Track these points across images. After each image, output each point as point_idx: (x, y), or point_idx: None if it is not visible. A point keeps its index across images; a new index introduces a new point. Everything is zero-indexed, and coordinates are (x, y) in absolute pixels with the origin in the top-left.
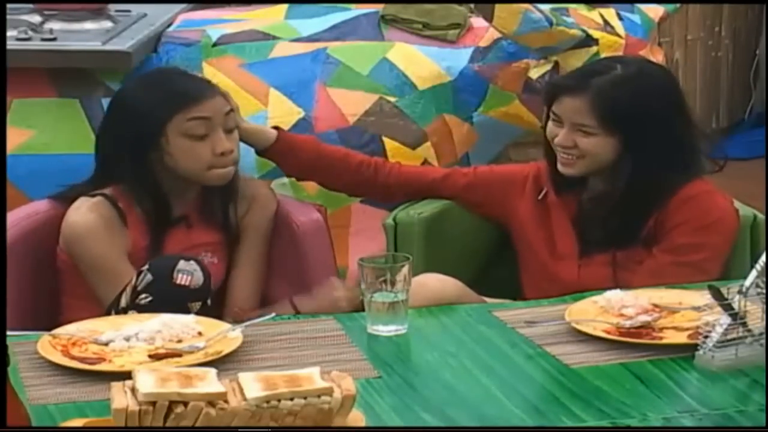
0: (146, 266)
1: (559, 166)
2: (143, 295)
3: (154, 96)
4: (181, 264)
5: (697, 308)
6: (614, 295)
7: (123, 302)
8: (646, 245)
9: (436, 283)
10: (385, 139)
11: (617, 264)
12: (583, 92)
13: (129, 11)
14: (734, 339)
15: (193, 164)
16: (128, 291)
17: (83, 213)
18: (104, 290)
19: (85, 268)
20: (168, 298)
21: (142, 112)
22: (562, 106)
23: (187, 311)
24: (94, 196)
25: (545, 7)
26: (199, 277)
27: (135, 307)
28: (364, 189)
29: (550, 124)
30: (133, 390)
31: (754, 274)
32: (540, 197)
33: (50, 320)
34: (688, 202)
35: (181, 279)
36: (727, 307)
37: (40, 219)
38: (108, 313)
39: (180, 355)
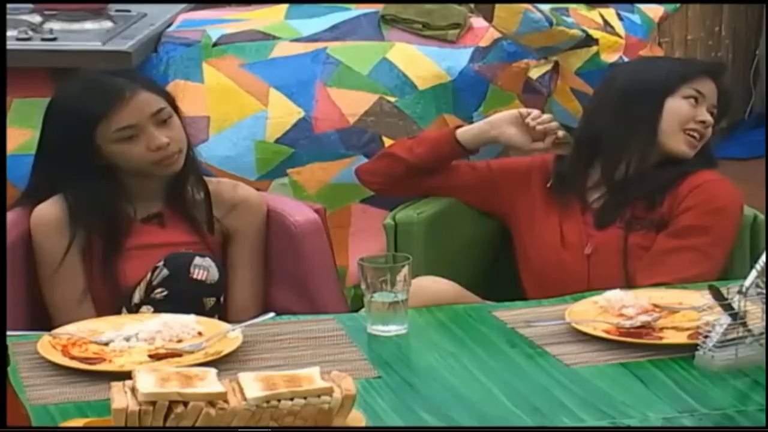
0: (161, 262)
1: (686, 148)
2: (159, 290)
3: (77, 107)
4: (197, 260)
5: (697, 308)
6: (614, 295)
7: (136, 298)
8: (658, 231)
9: (432, 285)
10: (385, 140)
11: (628, 251)
12: (719, 77)
13: (129, 11)
14: (734, 339)
15: (133, 165)
16: (142, 287)
17: (45, 205)
18: (48, 285)
19: (37, 261)
20: (184, 293)
21: (71, 124)
22: (707, 86)
23: (201, 306)
24: None
25: (545, 7)
26: (214, 273)
27: (150, 302)
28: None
29: (683, 102)
30: (133, 390)
31: (754, 274)
32: (549, 185)
33: (50, 320)
34: (697, 188)
35: (198, 274)
36: (727, 307)
37: None
38: (119, 311)
39: (180, 355)
